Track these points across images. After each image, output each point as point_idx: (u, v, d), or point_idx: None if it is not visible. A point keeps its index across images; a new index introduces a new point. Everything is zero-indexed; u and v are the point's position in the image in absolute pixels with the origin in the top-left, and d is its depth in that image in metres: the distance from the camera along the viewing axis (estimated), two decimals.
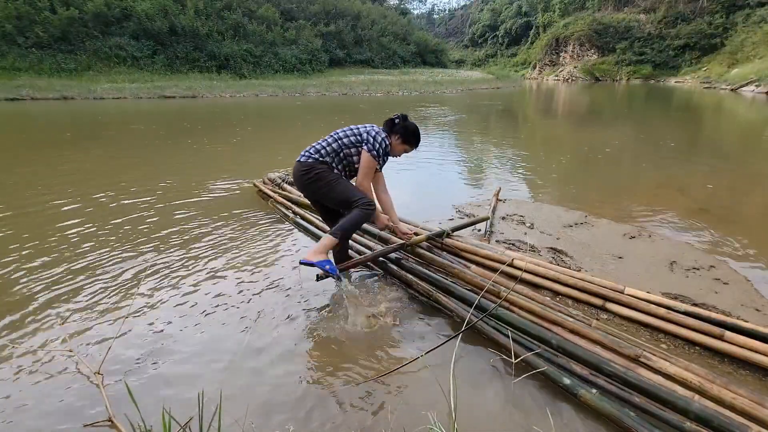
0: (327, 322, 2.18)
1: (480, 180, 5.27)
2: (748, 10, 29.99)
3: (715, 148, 7.60)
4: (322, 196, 2.31)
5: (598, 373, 1.68)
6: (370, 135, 2.24)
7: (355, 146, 2.26)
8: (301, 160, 2.28)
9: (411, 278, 2.43)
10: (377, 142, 2.22)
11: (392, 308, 2.28)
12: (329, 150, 2.26)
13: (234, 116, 12.01)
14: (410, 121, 2.35)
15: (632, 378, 1.60)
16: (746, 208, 4.17)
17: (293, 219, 3.51)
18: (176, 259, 2.83)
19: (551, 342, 1.84)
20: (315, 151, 2.28)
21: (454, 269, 2.45)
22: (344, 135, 2.28)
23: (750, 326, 1.88)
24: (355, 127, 2.32)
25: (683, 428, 1.41)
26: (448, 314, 2.20)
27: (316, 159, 2.26)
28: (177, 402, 1.60)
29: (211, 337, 2.04)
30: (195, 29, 23.31)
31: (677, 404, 1.48)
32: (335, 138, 2.29)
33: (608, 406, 1.52)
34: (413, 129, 2.35)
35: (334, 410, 1.60)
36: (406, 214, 3.13)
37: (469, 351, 1.93)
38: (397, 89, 22.15)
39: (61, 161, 5.97)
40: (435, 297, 2.26)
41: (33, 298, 2.34)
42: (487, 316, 2.02)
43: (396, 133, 2.32)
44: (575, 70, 37.76)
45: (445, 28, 72.38)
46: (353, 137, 2.26)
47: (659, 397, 1.52)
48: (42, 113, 12.05)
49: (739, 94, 21.03)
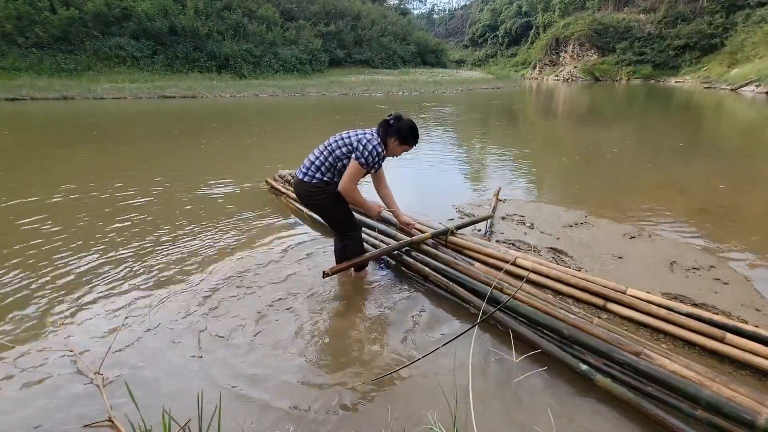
0: (329, 322, 2.18)
1: (480, 180, 5.27)
2: (748, 10, 29.97)
3: (715, 148, 7.60)
4: (320, 215, 2.57)
5: (609, 361, 1.72)
6: (360, 143, 2.21)
7: (347, 156, 2.24)
8: (305, 180, 2.28)
9: (428, 270, 2.47)
10: (367, 150, 2.19)
11: (397, 305, 2.29)
12: (327, 165, 2.26)
13: (249, 116, 12.01)
14: (404, 120, 2.30)
15: (643, 366, 1.63)
16: (746, 208, 4.17)
17: (308, 214, 3.51)
18: (177, 259, 2.83)
19: (563, 332, 1.87)
20: (316, 169, 2.27)
21: (459, 266, 2.48)
22: (336, 146, 2.25)
23: (751, 329, 1.88)
24: (347, 135, 2.28)
25: (695, 415, 1.45)
26: (454, 311, 2.21)
27: (320, 180, 2.27)
28: (177, 402, 1.60)
29: (211, 337, 2.04)
30: (195, 29, 23.30)
31: (688, 391, 1.51)
32: (330, 151, 2.26)
33: (626, 391, 1.56)
34: (408, 127, 2.29)
35: (335, 410, 1.60)
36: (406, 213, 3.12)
37: (469, 351, 1.92)
38: (397, 89, 22.14)
39: (95, 159, 5.98)
40: (452, 288, 2.29)
41: (33, 298, 2.34)
42: (500, 309, 2.04)
43: (391, 135, 2.28)
44: (575, 70, 37.74)
45: (445, 28, 72.35)
46: (344, 148, 2.24)
47: (670, 385, 1.55)
48: (65, 114, 12.04)
49: (739, 94, 21.02)
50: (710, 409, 1.44)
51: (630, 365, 1.65)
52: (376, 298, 2.43)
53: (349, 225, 2.44)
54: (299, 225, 3.48)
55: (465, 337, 1.96)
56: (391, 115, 2.30)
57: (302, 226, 3.46)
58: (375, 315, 2.25)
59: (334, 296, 2.42)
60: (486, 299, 2.10)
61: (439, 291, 2.38)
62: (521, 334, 1.92)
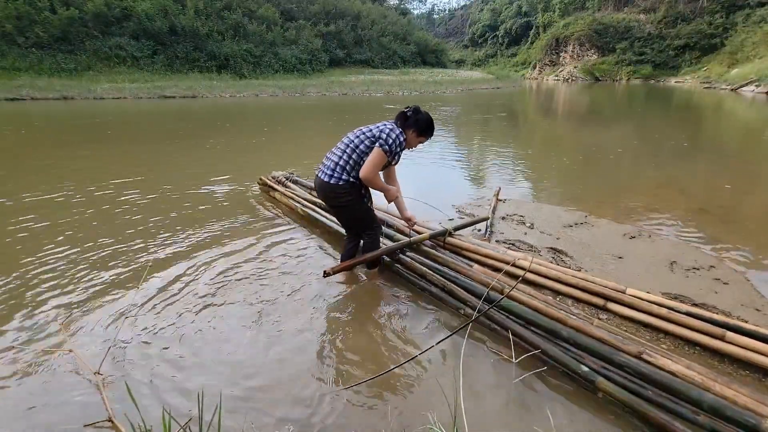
0: (326, 322, 2.18)
1: (480, 180, 5.27)
2: (748, 10, 29.97)
3: (714, 148, 7.60)
4: (342, 216, 2.50)
5: (609, 364, 1.70)
6: (383, 133, 2.22)
7: (371, 148, 2.24)
8: (331, 183, 2.27)
9: (424, 270, 2.45)
10: (391, 138, 2.21)
11: (395, 305, 2.29)
12: (352, 164, 2.25)
13: (250, 116, 12.01)
14: (422, 113, 2.33)
15: (645, 369, 1.61)
16: (746, 208, 4.17)
17: (303, 213, 3.52)
18: (177, 259, 2.83)
19: (561, 333, 1.85)
20: (341, 169, 2.26)
21: (457, 267, 2.48)
22: (359, 141, 2.25)
23: (751, 327, 1.89)
24: (367, 129, 2.29)
25: (696, 421, 1.43)
26: (451, 311, 2.21)
27: (346, 181, 2.26)
28: (177, 402, 1.60)
29: (211, 337, 2.04)
30: (195, 29, 23.30)
31: (691, 395, 1.49)
32: (353, 148, 2.25)
33: (626, 394, 1.54)
34: (426, 120, 2.31)
35: (335, 410, 1.60)
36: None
37: (469, 351, 1.93)
38: (397, 89, 22.14)
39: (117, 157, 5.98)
40: (449, 288, 2.28)
41: (33, 298, 2.34)
42: (494, 309, 2.03)
43: (409, 126, 2.30)
44: (575, 70, 37.74)
45: (445, 28, 72.36)
46: (368, 141, 2.24)
47: (672, 388, 1.53)
48: (75, 113, 12.04)
49: (739, 94, 21.02)
50: (713, 412, 1.42)
51: (632, 368, 1.63)
52: (373, 298, 2.43)
53: (370, 222, 2.46)
54: (294, 224, 3.47)
55: (464, 338, 1.97)
56: (409, 107, 2.33)
57: (296, 225, 3.45)
58: (372, 315, 2.25)
59: (331, 296, 2.42)
60: (483, 299, 2.10)
61: (436, 291, 2.37)
62: (520, 335, 1.91)
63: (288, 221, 3.56)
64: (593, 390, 1.63)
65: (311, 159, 5.89)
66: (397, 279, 2.61)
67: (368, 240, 2.50)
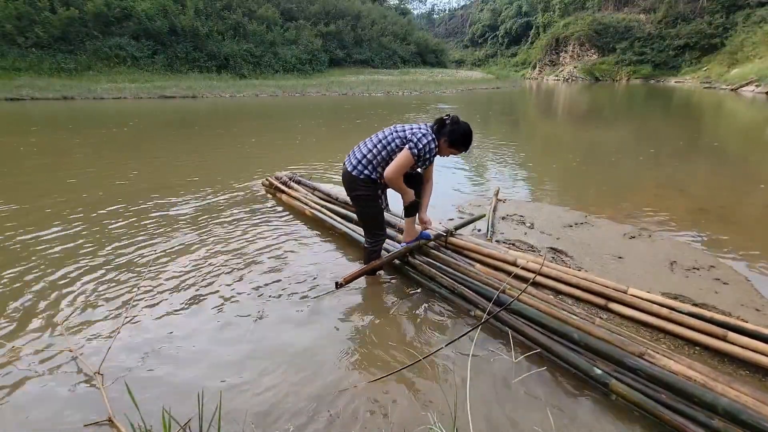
0: (330, 323, 2.18)
1: (480, 180, 5.27)
2: (748, 10, 29.97)
3: (714, 148, 7.60)
4: (355, 207, 2.50)
5: (620, 367, 1.69)
6: (415, 136, 2.20)
7: (401, 149, 2.23)
8: (354, 174, 2.28)
9: (430, 270, 2.46)
10: (422, 143, 2.18)
11: (401, 306, 2.29)
12: (380, 159, 2.25)
13: (253, 115, 12.01)
14: (461, 123, 2.26)
15: (657, 372, 1.60)
16: (746, 208, 4.17)
17: (312, 215, 3.51)
18: (177, 259, 2.83)
19: (573, 336, 1.84)
20: (367, 162, 2.26)
21: (460, 267, 2.48)
22: (392, 139, 2.25)
23: (752, 327, 1.88)
24: (401, 128, 2.27)
25: (711, 425, 1.41)
26: (455, 312, 2.21)
27: (368, 177, 2.27)
28: (177, 402, 1.60)
29: (211, 337, 2.04)
30: (195, 29, 23.29)
31: (704, 399, 1.48)
32: (384, 145, 2.25)
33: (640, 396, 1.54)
34: (463, 132, 2.25)
35: (335, 410, 1.60)
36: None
37: (468, 351, 1.93)
38: (398, 89, 22.13)
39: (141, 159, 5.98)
40: (459, 291, 2.28)
41: (33, 298, 2.34)
42: (504, 309, 2.03)
43: (444, 135, 2.25)
44: (575, 70, 37.76)
45: (445, 28, 72.39)
46: (398, 140, 2.23)
47: (685, 392, 1.52)
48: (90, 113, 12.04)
49: (739, 94, 21.02)
50: (726, 416, 1.40)
51: (641, 370, 1.62)
52: (377, 299, 2.43)
53: (377, 226, 2.46)
54: (299, 224, 3.47)
55: (465, 339, 1.97)
56: (449, 115, 2.29)
57: (301, 224, 3.45)
58: (376, 316, 2.25)
59: (335, 297, 2.41)
60: (492, 302, 2.09)
61: (440, 292, 2.37)
62: (530, 337, 1.91)
63: (295, 220, 3.56)
64: (606, 392, 1.62)
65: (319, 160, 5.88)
66: (399, 280, 2.60)
67: (371, 242, 2.48)
